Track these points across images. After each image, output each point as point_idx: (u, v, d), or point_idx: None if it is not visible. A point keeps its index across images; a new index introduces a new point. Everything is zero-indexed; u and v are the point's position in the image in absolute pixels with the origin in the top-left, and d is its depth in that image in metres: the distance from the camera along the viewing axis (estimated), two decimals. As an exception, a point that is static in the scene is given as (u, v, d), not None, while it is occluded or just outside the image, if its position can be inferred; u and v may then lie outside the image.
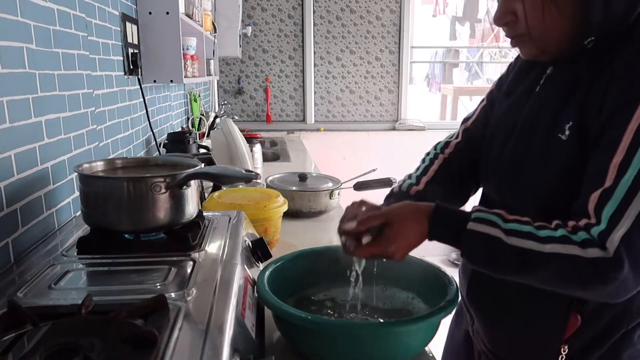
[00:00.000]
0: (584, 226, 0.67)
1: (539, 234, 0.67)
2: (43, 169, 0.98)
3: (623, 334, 0.77)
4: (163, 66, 1.78)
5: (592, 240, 0.65)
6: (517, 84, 0.88)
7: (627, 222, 0.63)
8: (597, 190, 0.67)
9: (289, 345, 0.83)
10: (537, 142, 0.78)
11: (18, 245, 0.88)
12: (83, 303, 0.59)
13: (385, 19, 4.01)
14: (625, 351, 0.78)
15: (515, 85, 0.89)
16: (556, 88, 0.78)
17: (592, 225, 0.66)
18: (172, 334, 0.55)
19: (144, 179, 0.84)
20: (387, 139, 4.08)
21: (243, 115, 4.11)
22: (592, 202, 0.67)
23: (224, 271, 0.75)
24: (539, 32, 0.74)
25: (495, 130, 0.89)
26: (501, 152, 0.85)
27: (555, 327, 0.78)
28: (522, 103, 0.84)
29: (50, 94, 1.02)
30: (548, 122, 0.76)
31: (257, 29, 3.98)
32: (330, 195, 1.57)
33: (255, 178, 0.91)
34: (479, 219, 0.71)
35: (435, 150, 1.03)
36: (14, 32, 0.88)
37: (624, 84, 0.67)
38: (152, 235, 0.89)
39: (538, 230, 0.68)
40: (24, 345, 0.53)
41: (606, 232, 0.64)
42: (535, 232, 0.68)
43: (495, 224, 0.70)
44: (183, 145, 1.94)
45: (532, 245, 0.67)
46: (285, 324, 0.79)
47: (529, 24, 0.73)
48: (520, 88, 0.87)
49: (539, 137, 0.77)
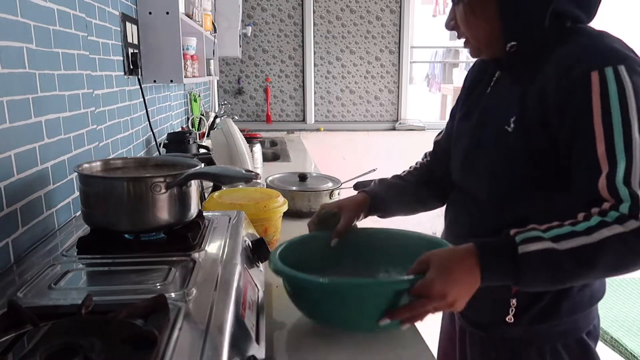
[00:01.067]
0: (609, 208, 0.72)
1: (579, 229, 0.72)
2: (43, 169, 0.98)
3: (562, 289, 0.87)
4: (163, 66, 1.78)
5: (625, 215, 0.71)
6: (473, 90, 1.01)
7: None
8: (599, 177, 0.74)
9: (288, 346, 0.83)
10: (488, 135, 0.90)
11: (18, 245, 0.88)
12: (83, 303, 0.59)
13: (385, 19, 4.01)
14: (564, 302, 0.89)
15: (471, 90, 1.02)
16: (502, 88, 0.92)
17: (617, 205, 0.72)
18: (172, 334, 0.55)
19: (144, 179, 0.84)
20: (387, 139, 4.08)
21: (243, 115, 4.11)
22: (603, 188, 0.73)
23: (224, 271, 0.75)
24: (471, 37, 0.89)
25: (457, 130, 1.02)
26: (463, 146, 0.97)
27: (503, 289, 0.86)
28: (478, 104, 0.97)
29: (50, 94, 1.02)
30: (496, 117, 0.89)
31: (257, 29, 3.98)
32: (330, 195, 1.57)
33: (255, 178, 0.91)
34: (525, 240, 0.74)
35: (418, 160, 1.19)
36: (14, 32, 0.88)
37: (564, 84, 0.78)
38: (152, 235, 0.89)
39: (575, 227, 0.73)
40: (24, 345, 0.53)
41: (633, 206, 0.71)
42: (574, 229, 0.72)
43: (540, 238, 0.73)
44: (183, 145, 1.94)
45: (582, 241, 0.71)
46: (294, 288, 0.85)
47: (462, 30, 0.89)
48: (475, 92, 1.00)
49: (490, 130, 0.90)
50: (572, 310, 0.90)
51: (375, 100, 4.14)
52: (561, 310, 0.89)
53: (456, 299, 0.75)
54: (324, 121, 4.15)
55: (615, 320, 1.86)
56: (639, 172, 0.72)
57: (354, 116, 4.17)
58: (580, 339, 0.92)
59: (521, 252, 0.73)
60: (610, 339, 1.76)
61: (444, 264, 0.76)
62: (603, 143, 0.73)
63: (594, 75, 0.75)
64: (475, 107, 0.97)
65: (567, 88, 0.77)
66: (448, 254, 0.78)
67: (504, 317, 0.91)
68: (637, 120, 0.73)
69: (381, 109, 4.16)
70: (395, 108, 4.15)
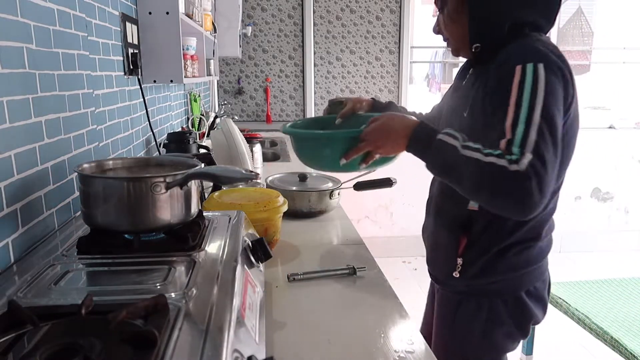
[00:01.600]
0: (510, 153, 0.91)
1: (484, 151, 0.92)
2: (43, 169, 0.98)
3: (499, 250, 1.07)
4: (163, 66, 1.78)
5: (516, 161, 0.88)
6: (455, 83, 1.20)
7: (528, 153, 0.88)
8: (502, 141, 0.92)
9: (288, 346, 0.83)
10: (453, 120, 1.11)
11: (18, 245, 0.88)
12: (83, 303, 0.59)
13: (385, 19, 4.01)
14: (500, 262, 1.08)
15: (455, 84, 1.21)
16: (470, 82, 1.10)
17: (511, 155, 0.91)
18: (172, 334, 0.55)
19: (144, 179, 0.84)
20: (387, 139, 4.08)
21: (243, 115, 4.11)
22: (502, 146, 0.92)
23: (224, 271, 0.75)
24: (451, 38, 1.12)
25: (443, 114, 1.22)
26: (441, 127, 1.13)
27: (452, 246, 1.12)
28: (455, 94, 1.17)
29: (50, 94, 1.02)
30: (461, 105, 1.09)
31: (257, 29, 3.98)
32: (330, 195, 1.57)
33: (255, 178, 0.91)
34: (447, 134, 0.97)
35: None
36: (14, 32, 0.88)
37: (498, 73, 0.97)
38: (152, 235, 0.89)
39: (484, 149, 0.92)
40: (24, 345, 0.53)
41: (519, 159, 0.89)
42: (481, 149, 0.92)
43: (456, 138, 0.96)
44: (183, 145, 1.94)
45: (476, 156, 0.91)
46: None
47: (445, 33, 1.13)
48: (455, 85, 1.20)
49: (455, 116, 1.11)
50: (507, 270, 1.09)
51: (375, 100, 4.14)
52: (497, 270, 1.09)
53: (381, 146, 1.06)
54: (324, 121, 4.15)
55: (615, 320, 1.86)
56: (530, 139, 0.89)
57: (354, 116, 4.16)
58: (519, 297, 1.10)
59: (437, 138, 0.97)
60: (610, 339, 1.76)
61: (385, 122, 1.06)
62: (511, 118, 0.92)
63: (518, 68, 0.94)
64: (454, 96, 1.17)
65: (498, 77, 0.97)
66: (396, 117, 1.06)
67: (452, 272, 1.13)
68: (540, 107, 0.91)
69: (381, 109, 4.16)
70: (395, 108, 4.15)
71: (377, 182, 1.55)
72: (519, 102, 0.92)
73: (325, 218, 1.57)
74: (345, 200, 1.75)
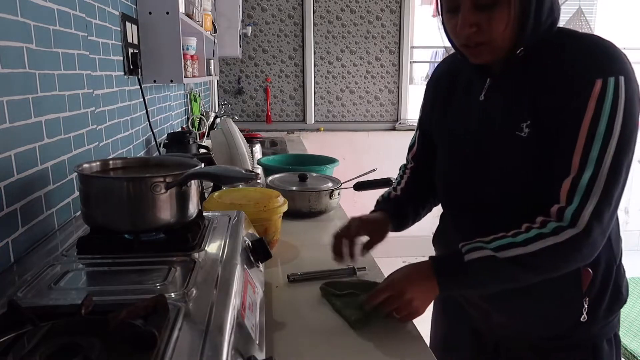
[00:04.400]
0: (556, 212, 0.82)
1: (518, 240, 0.82)
2: (43, 169, 0.98)
3: (616, 269, 0.94)
4: (163, 66, 1.78)
5: (562, 226, 0.81)
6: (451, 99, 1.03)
7: (593, 201, 0.79)
8: (566, 179, 0.81)
9: (288, 346, 0.83)
10: (496, 142, 0.91)
11: (18, 245, 0.88)
12: (83, 303, 0.59)
13: (385, 19, 4.01)
14: (622, 282, 0.96)
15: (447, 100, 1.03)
16: (502, 94, 0.91)
17: (565, 207, 0.81)
18: (172, 334, 0.55)
19: (144, 179, 0.84)
20: (387, 139, 4.08)
21: (243, 115, 4.11)
22: (564, 190, 0.81)
23: (224, 271, 0.75)
24: (498, 41, 0.84)
25: (450, 141, 1.03)
26: (463, 156, 0.98)
27: (572, 284, 0.90)
28: (468, 112, 0.97)
29: (50, 94, 1.02)
30: (503, 123, 0.90)
31: (257, 29, 3.98)
32: (330, 195, 1.57)
33: (255, 178, 0.91)
34: (470, 249, 0.85)
35: (402, 169, 1.22)
36: (14, 32, 0.88)
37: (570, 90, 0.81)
38: (152, 236, 0.88)
39: (515, 238, 0.83)
40: (24, 345, 0.53)
41: (578, 211, 0.80)
42: (514, 240, 0.83)
43: (483, 247, 0.84)
44: (183, 145, 1.94)
45: (519, 251, 0.82)
46: None
47: (492, 34, 0.83)
48: (457, 101, 1.01)
49: (497, 137, 0.91)
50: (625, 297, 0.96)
51: (375, 100, 4.14)
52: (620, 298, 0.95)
53: (413, 297, 0.87)
54: (324, 121, 4.15)
55: (615, 320, 1.86)
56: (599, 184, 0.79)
57: (354, 116, 4.16)
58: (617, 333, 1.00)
59: (467, 260, 0.84)
60: (610, 339, 1.76)
61: (403, 271, 0.91)
62: (581, 149, 0.80)
63: (598, 83, 0.79)
64: (466, 115, 0.97)
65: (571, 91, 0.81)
66: (406, 267, 0.92)
67: (577, 318, 0.92)
68: (616, 139, 0.79)
69: (381, 109, 4.15)
70: (395, 108, 4.15)
71: (377, 182, 1.55)
72: (593, 131, 0.78)
73: (325, 218, 1.57)
74: (345, 200, 1.75)
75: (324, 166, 1.95)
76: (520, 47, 0.85)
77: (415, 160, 1.19)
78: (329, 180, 1.67)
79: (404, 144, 1.27)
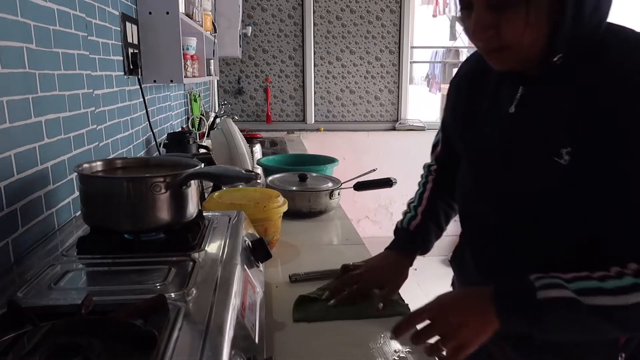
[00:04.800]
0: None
1: (607, 287, 0.67)
2: (43, 169, 0.98)
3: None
4: (163, 66, 1.78)
5: None
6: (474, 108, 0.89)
7: None
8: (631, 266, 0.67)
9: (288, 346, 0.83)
10: (529, 165, 0.78)
11: (18, 245, 0.88)
12: (83, 303, 0.59)
13: (385, 19, 4.01)
14: None
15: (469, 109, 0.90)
16: (537, 109, 0.77)
17: None
18: (172, 334, 0.55)
19: (144, 179, 0.84)
20: (387, 139, 4.08)
21: (243, 115, 4.11)
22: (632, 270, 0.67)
23: (224, 271, 0.75)
24: (524, 46, 0.71)
25: (476, 153, 0.90)
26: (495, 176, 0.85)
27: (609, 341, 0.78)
28: (495, 126, 0.84)
29: (50, 94, 1.02)
30: (540, 146, 0.75)
31: (257, 29, 3.98)
32: (330, 195, 1.57)
33: (255, 178, 0.91)
34: (546, 285, 0.69)
35: (425, 172, 1.13)
36: (14, 32, 0.88)
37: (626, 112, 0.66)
38: (152, 235, 0.88)
39: (603, 283, 0.68)
40: (24, 345, 0.53)
41: None
42: (602, 285, 0.68)
43: (562, 286, 0.69)
44: (183, 145, 1.94)
45: (608, 301, 0.67)
46: None
47: (513, 38, 0.70)
48: (482, 110, 0.87)
49: (530, 160, 0.78)
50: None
51: (375, 100, 4.14)
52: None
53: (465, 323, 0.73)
54: (324, 121, 4.15)
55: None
56: None
57: (354, 116, 4.16)
58: None
59: (540, 297, 0.69)
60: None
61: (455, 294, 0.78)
62: None
63: None
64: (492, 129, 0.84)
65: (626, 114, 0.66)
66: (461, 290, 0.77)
67: None
68: None
69: (381, 109, 4.15)
70: (395, 108, 4.15)
71: (377, 182, 1.55)
72: None
73: (325, 218, 1.57)
74: (345, 200, 1.75)
75: (324, 166, 1.95)
76: (557, 53, 0.72)
77: (438, 162, 1.11)
78: (329, 180, 1.67)
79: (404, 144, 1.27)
